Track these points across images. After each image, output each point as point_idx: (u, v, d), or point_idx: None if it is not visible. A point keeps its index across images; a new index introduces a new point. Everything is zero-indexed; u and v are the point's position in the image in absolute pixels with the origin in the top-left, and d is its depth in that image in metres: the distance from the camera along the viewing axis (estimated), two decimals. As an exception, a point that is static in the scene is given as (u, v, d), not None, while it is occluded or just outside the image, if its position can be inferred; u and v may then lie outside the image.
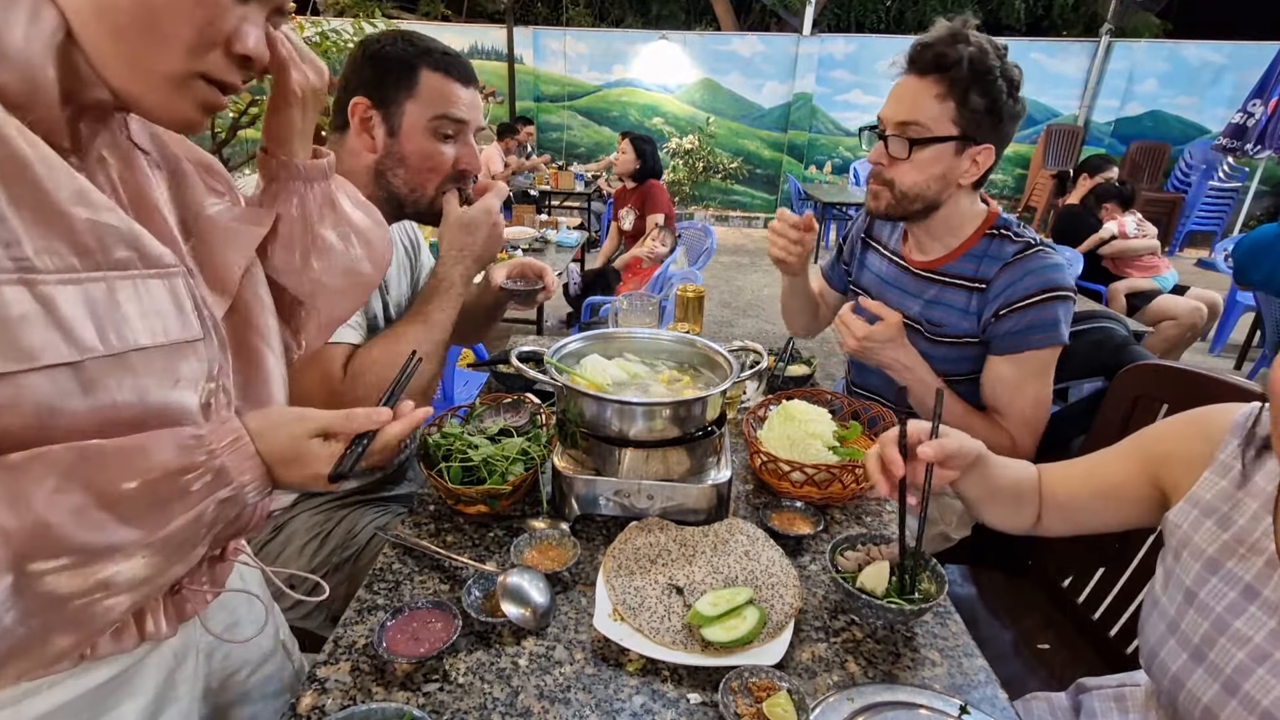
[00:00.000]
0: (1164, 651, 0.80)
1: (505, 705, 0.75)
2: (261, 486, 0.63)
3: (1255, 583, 0.73)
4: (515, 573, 0.88)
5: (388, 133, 1.14)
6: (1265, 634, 0.70)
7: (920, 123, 1.25)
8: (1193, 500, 0.82)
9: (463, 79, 1.16)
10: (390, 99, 1.12)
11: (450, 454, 1.07)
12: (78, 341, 0.52)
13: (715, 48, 9.32)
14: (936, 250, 1.41)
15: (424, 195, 1.18)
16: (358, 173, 1.16)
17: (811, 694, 0.78)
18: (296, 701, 0.75)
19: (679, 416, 1.02)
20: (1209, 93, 8.35)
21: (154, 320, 0.58)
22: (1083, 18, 11.10)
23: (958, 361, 1.38)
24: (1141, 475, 0.90)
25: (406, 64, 1.12)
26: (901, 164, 1.29)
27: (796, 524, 1.08)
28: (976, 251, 1.35)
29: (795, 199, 8.35)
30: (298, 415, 0.67)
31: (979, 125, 1.25)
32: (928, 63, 1.23)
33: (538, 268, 1.41)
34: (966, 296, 1.35)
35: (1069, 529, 0.99)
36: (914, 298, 1.43)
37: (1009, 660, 1.26)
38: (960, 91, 1.22)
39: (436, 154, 1.16)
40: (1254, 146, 5.97)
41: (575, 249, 4.25)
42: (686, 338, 1.25)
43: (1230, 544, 0.76)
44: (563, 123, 9.84)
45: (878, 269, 1.54)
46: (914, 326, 1.40)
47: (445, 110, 1.13)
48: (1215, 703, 0.72)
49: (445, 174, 1.18)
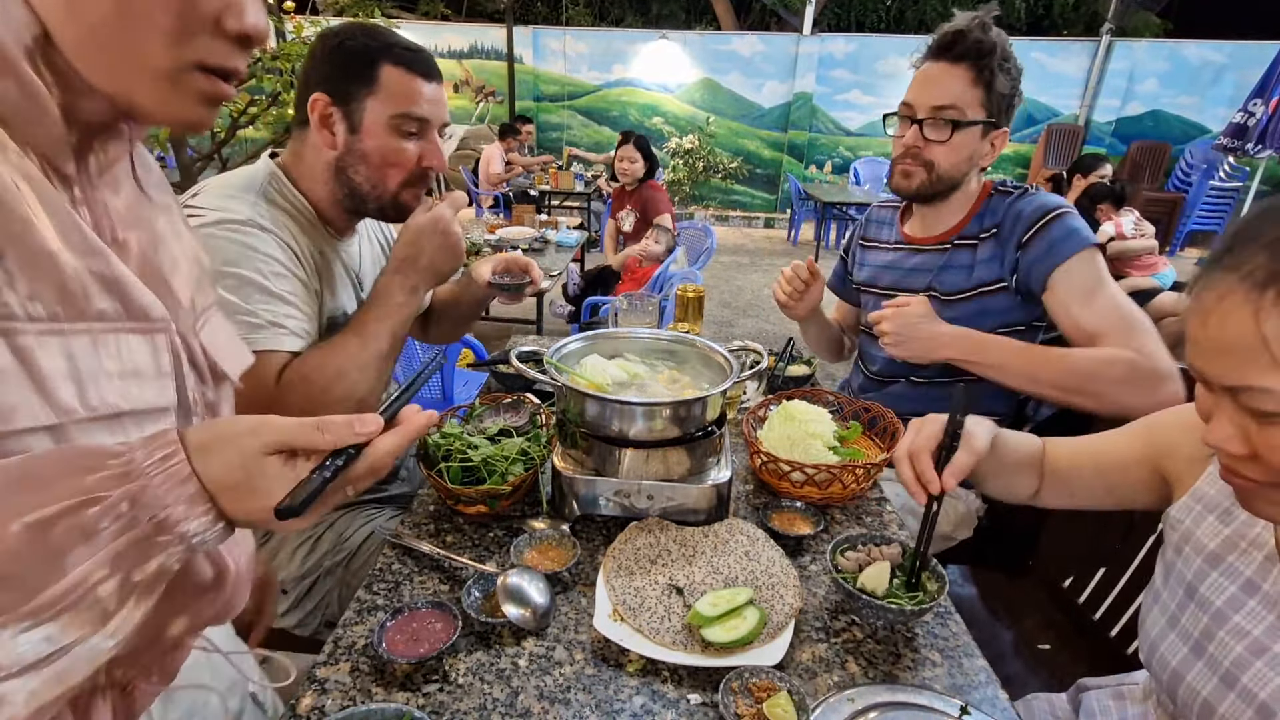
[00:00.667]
0: (1164, 646, 0.80)
1: (505, 705, 0.75)
2: (207, 522, 0.47)
3: (1255, 577, 0.73)
4: (515, 573, 0.88)
5: (348, 129, 1.11)
6: (1264, 628, 0.71)
7: (957, 106, 1.31)
8: (1196, 496, 0.82)
9: (425, 74, 1.12)
10: (350, 95, 1.09)
11: (450, 454, 1.07)
12: (57, 403, 0.46)
13: (715, 47, 9.32)
14: (941, 226, 1.45)
15: (386, 192, 1.15)
16: (318, 169, 1.14)
17: (812, 694, 0.78)
18: (296, 702, 0.75)
19: (679, 416, 1.01)
20: (1209, 92, 8.35)
21: (131, 383, 0.51)
22: (1083, 17, 11.10)
23: (976, 316, 1.37)
24: (1145, 460, 0.91)
25: (367, 59, 1.08)
26: (939, 146, 1.34)
27: (796, 524, 1.08)
28: (980, 211, 1.41)
29: (795, 199, 8.35)
30: (252, 426, 0.50)
31: (1001, 110, 1.32)
32: (963, 49, 1.28)
33: (523, 262, 1.40)
34: (973, 251, 1.39)
35: (1065, 502, 1.00)
36: (923, 273, 1.46)
37: (1009, 660, 1.26)
38: (989, 77, 1.29)
39: (398, 151, 1.12)
40: (1255, 146, 5.96)
41: (575, 249, 4.25)
42: (686, 338, 1.25)
43: (1231, 539, 0.76)
44: (563, 122, 9.83)
45: (883, 261, 1.56)
46: (928, 294, 1.42)
47: (407, 108, 1.10)
48: (1214, 696, 0.73)
49: (408, 171, 1.15)
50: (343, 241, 1.25)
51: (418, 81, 1.11)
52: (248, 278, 1.02)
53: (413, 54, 1.11)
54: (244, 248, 1.03)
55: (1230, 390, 0.60)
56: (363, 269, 1.31)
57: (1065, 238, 1.28)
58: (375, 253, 1.37)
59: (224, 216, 1.04)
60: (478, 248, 3.76)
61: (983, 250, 1.37)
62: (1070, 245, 1.27)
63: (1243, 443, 0.60)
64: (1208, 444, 0.64)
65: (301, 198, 1.16)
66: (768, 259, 7.56)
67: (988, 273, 1.36)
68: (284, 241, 1.09)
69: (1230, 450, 0.61)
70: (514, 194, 6.19)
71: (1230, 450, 0.61)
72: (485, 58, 9.70)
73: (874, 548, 0.95)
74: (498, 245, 3.87)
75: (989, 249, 1.36)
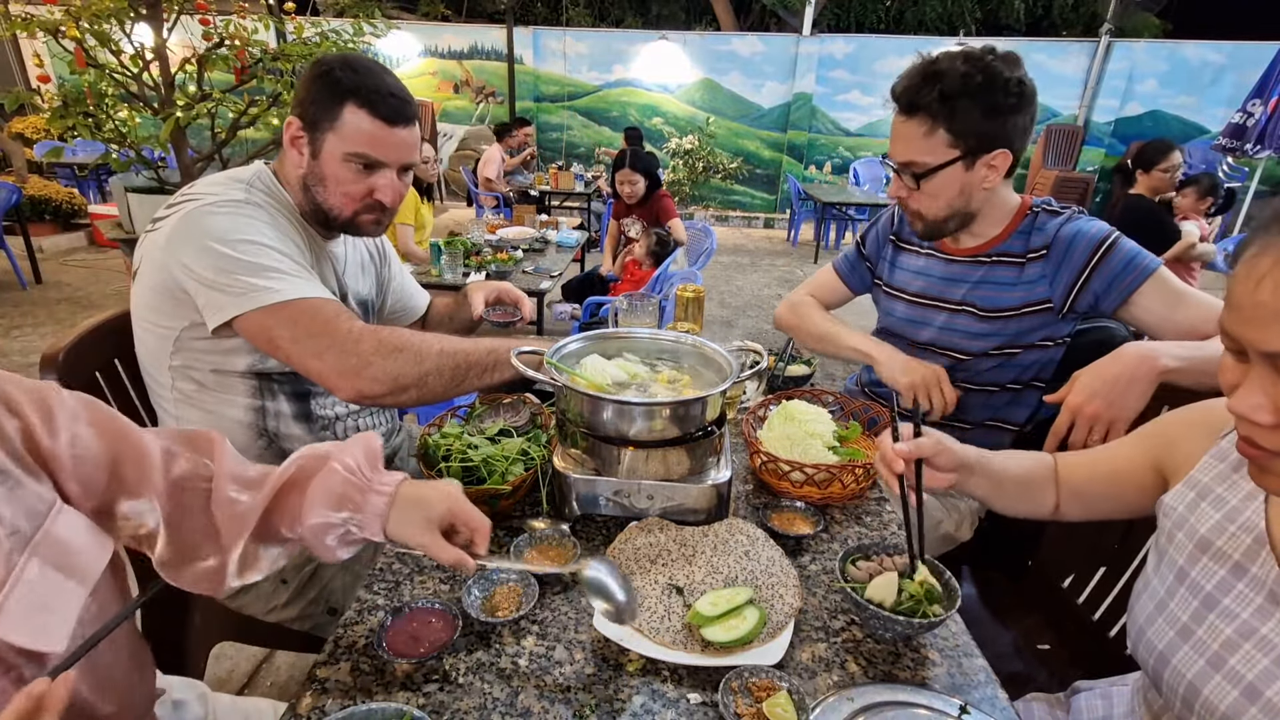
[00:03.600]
0: (1151, 631, 0.80)
1: (505, 705, 0.75)
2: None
3: (1244, 560, 0.73)
4: (594, 565, 0.82)
5: (311, 154, 1.18)
6: (1252, 610, 0.71)
7: (916, 161, 1.32)
8: (1190, 483, 0.83)
9: (388, 119, 1.16)
10: (317, 124, 1.16)
11: (450, 454, 1.07)
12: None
13: (715, 48, 9.32)
14: (976, 240, 1.44)
15: (343, 214, 1.21)
16: (293, 181, 1.22)
17: (811, 694, 0.78)
18: (296, 702, 0.75)
19: (679, 416, 1.01)
20: (1209, 93, 8.36)
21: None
22: (1082, 18, 11.11)
23: (1017, 334, 1.40)
24: (1146, 460, 0.91)
25: (336, 96, 1.14)
26: (918, 195, 1.35)
27: (796, 524, 1.08)
28: (1024, 228, 1.39)
29: (795, 199, 8.36)
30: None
31: (981, 136, 1.27)
32: (913, 104, 1.28)
33: (515, 295, 1.50)
34: (1018, 270, 1.38)
35: (1085, 515, 1.00)
36: (958, 283, 1.45)
37: (1009, 660, 1.26)
38: (946, 119, 1.26)
39: (352, 182, 1.18)
40: (1253, 146, 5.97)
41: (575, 249, 4.25)
42: (686, 338, 1.25)
43: (1221, 523, 0.77)
44: (563, 123, 9.84)
45: (916, 266, 1.55)
46: (961, 309, 1.43)
47: (358, 149, 1.15)
48: (1199, 678, 0.73)
49: (360, 201, 1.20)
50: (328, 242, 1.30)
51: (377, 125, 1.15)
52: (255, 241, 1.09)
53: (378, 98, 1.14)
54: (248, 220, 1.11)
55: (1271, 356, 0.59)
56: (346, 272, 1.35)
57: (1131, 262, 1.28)
58: (359, 256, 1.41)
59: (220, 198, 1.12)
60: (478, 248, 3.76)
61: (1030, 270, 1.36)
62: (1143, 268, 1.28)
63: (1272, 412, 0.60)
64: (1234, 412, 0.64)
65: (287, 197, 1.23)
66: (767, 259, 7.57)
67: (1034, 293, 1.36)
68: (277, 224, 1.16)
69: (1258, 419, 0.61)
70: (515, 194, 6.21)
71: (1258, 419, 0.61)
72: (485, 58, 9.70)
73: (885, 558, 0.93)
74: (498, 245, 3.88)
75: (1037, 269, 1.36)
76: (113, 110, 3.60)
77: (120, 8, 3.30)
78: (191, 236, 1.07)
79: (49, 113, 3.45)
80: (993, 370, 1.44)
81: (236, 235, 1.07)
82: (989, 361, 1.43)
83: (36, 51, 3.87)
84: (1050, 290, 1.35)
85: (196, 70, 3.55)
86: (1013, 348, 1.41)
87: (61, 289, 5.17)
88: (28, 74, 8.74)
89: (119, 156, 3.60)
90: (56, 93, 3.77)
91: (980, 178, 1.32)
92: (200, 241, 1.06)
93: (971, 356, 1.43)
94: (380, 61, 1.31)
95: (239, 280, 1.05)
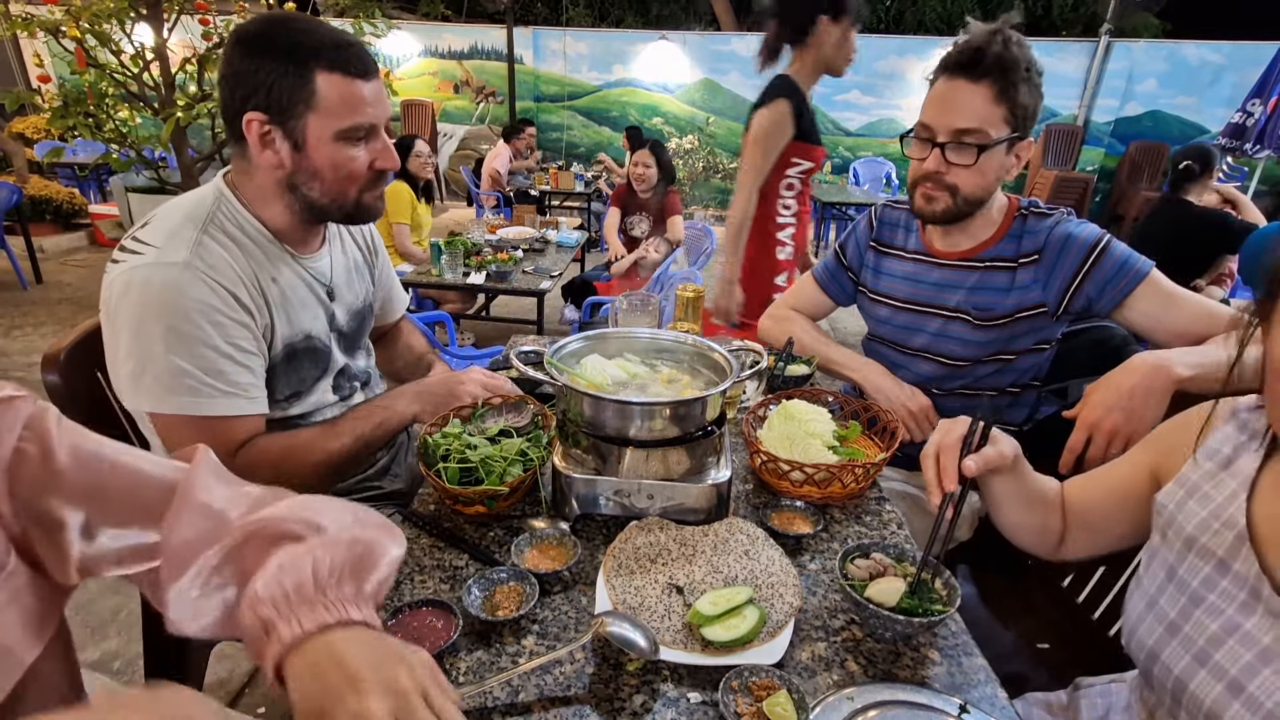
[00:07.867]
0: (1142, 627, 0.81)
1: (505, 705, 0.75)
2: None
3: (1227, 556, 0.74)
4: (611, 621, 0.80)
5: (293, 148, 1.04)
6: (1235, 606, 0.72)
7: (982, 129, 1.24)
8: (1180, 481, 0.83)
9: (362, 74, 1.03)
10: (286, 111, 1.01)
11: (449, 454, 1.07)
12: None
13: (715, 48, 9.32)
14: (967, 241, 1.42)
15: (346, 201, 1.11)
16: (268, 188, 1.09)
17: (811, 693, 0.78)
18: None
19: (679, 416, 1.02)
20: (1208, 93, 8.35)
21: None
22: (1082, 18, 11.12)
23: (1011, 339, 1.39)
24: (1145, 470, 0.91)
25: (298, 66, 0.99)
26: (963, 170, 1.28)
27: (796, 523, 1.08)
28: (1014, 232, 1.37)
29: (795, 199, 8.35)
30: None
31: (1026, 121, 1.26)
32: (984, 67, 1.22)
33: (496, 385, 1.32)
34: (1010, 275, 1.36)
35: (1092, 545, 0.98)
36: (953, 289, 1.43)
37: (1009, 660, 1.26)
38: (1013, 92, 1.23)
39: (350, 160, 1.07)
40: (1253, 146, 5.96)
41: (575, 249, 4.25)
42: (686, 338, 1.25)
43: (1207, 519, 0.77)
44: (563, 123, 9.84)
45: (903, 271, 1.53)
46: (956, 315, 1.42)
47: (350, 121, 1.04)
48: (1186, 673, 0.74)
49: (363, 179, 1.11)
50: (307, 258, 1.20)
51: (356, 85, 1.03)
52: (190, 334, 1.00)
53: (344, 53, 1.02)
54: (179, 295, 0.99)
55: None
56: (335, 280, 1.26)
57: (1124, 265, 1.27)
58: (351, 260, 1.33)
59: (160, 260, 1.00)
60: (478, 247, 3.76)
61: (1023, 275, 1.35)
62: (1131, 277, 1.27)
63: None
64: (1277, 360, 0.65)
65: (254, 220, 1.11)
66: (767, 259, 7.54)
67: (1028, 298, 1.35)
68: (219, 285, 1.03)
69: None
70: (515, 194, 6.21)
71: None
72: (485, 58, 9.70)
73: (885, 558, 0.93)
74: (498, 245, 3.88)
75: (1030, 274, 1.34)
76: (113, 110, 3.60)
77: (121, 8, 3.30)
78: (121, 310, 1.00)
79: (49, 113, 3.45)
80: (991, 376, 1.44)
81: (165, 322, 0.98)
82: (986, 367, 1.43)
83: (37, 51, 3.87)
84: (1044, 294, 1.34)
85: (197, 70, 3.55)
86: (1007, 353, 1.40)
87: (62, 289, 5.17)
88: (28, 74, 8.74)
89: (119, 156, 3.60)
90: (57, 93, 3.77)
91: (1009, 166, 1.30)
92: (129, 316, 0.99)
93: (966, 363, 1.43)
94: (380, 62, 1.28)
95: (146, 380, 1.00)
